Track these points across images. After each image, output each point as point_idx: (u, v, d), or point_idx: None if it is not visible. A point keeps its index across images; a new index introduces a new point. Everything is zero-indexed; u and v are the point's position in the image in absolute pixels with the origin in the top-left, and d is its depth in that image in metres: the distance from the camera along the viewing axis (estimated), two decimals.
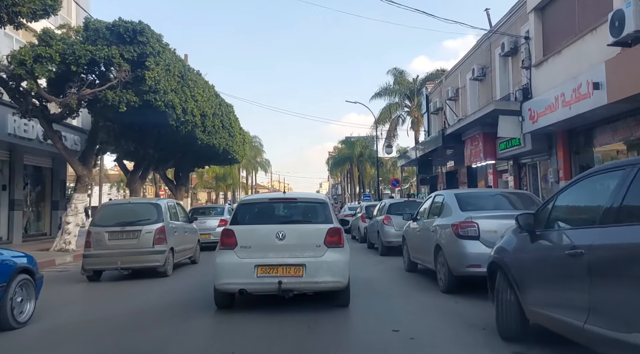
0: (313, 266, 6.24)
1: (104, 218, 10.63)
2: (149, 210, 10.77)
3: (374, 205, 19.64)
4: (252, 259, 6.29)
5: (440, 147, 23.89)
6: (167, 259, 10.52)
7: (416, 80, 42.60)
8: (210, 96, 21.23)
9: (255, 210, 7.13)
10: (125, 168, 22.51)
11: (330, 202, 7.64)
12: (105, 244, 10.09)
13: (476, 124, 18.82)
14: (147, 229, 10.27)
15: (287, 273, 6.22)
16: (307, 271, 6.22)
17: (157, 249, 10.21)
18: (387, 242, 13.47)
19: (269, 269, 6.25)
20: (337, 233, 6.49)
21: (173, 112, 16.19)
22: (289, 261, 6.26)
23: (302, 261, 6.26)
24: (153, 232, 10.23)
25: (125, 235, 10.19)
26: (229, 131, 25.80)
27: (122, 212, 10.82)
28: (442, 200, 8.29)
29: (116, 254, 10.03)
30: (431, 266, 8.39)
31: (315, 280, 6.23)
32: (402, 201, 14.77)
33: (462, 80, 24.86)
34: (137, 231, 10.24)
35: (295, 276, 6.21)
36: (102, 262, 10.14)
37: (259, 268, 6.24)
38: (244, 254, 6.35)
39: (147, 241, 10.17)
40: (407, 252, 10.25)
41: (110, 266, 10.13)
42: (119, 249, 10.06)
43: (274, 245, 6.37)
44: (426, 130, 32.18)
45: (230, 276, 6.34)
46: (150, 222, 10.42)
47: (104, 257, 10.07)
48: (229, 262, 6.36)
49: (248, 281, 6.25)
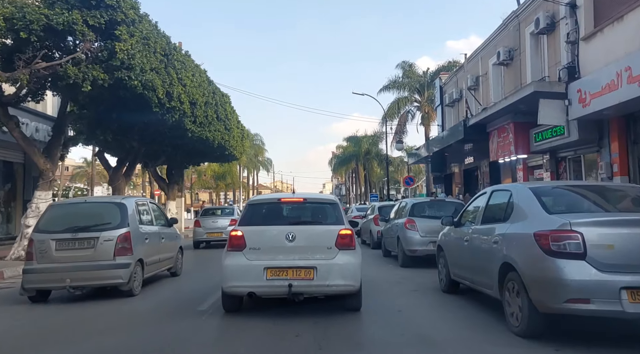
0: (324, 269, 6.17)
1: (51, 222, 8.37)
2: (110, 212, 8.53)
3: (389, 205, 17.14)
4: (261, 261, 6.24)
5: (456, 142, 21.46)
6: (134, 275, 8.33)
7: (426, 73, 40.14)
8: (202, 82, 18.76)
9: (264, 210, 6.98)
10: (108, 164, 20.04)
11: (340, 203, 7.32)
12: (51, 256, 7.93)
13: (507, 112, 16.35)
14: (106, 236, 8.10)
15: (298, 275, 6.16)
16: (318, 274, 6.16)
17: (119, 262, 8.06)
18: (410, 251, 10.99)
19: (279, 272, 6.19)
20: (348, 235, 6.38)
21: (154, 96, 13.76)
22: (300, 263, 6.20)
23: (313, 263, 6.19)
24: (114, 240, 8.09)
25: (78, 244, 8.04)
26: (224, 123, 23.34)
27: (76, 214, 8.59)
28: (508, 198, 5.78)
29: (65, 268, 7.86)
30: (490, 292, 5.89)
31: (327, 283, 6.18)
32: (427, 201, 12.28)
33: (484, 67, 22.36)
34: (94, 238, 8.05)
35: (305, 279, 6.15)
36: (47, 280, 7.93)
37: (269, 271, 6.19)
38: (253, 256, 6.29)
39: (106, 252, 8.03)
40: (444, 267, 7.75)
41: (57, 284, 7.93)
42: (69, 262, 7.90)
43: (283, 247, 6.30)
44: (440, 124, 29.73)
45: (238, 279, 6.27)
46: (112, 228, 8.24)
47: (49, 273, 7.87)
48: (237, 264, 6.28)
49: (257, 283, 6.20)
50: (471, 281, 6.61)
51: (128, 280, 8.13)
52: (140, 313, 7.26)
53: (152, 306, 7.68)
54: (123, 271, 8.07)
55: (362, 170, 53.93)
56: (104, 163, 19.73)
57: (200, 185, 48.42)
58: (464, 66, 23.71)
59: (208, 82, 20.17)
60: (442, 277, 7.89)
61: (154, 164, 25.49)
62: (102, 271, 8.00)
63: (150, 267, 9.16)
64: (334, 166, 64.89)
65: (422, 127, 39.67)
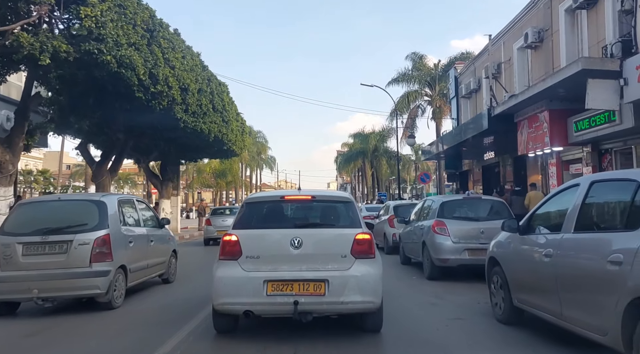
0: (338, 282, 5.16)
1: (18, 223, 7.26)
2: (87, 211, 7.37)
3: (407, 204, 15.11)
4: (260, 273, 5.25)
5: (476, 135, 19.37)
6: (114, 284, 7.23)
7: (438, 65, 38.04)
8: (194, 66, 16.74)
9: (264, 211, 5.98)
10: (91, 158, 18.04)
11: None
12: (18, 262, 6.84)
13: (541, 98, 14.26)
14: (81, 240, 6.95)
15: (305, 290, 5.15)
16: (330, 289, 5.14)
17: (96, 270, 6.95)
18: (439, 260, 8.93)
19: (282, 286, 5.18)
20: (367, 240, 5.38)
21: (134, 76, 11.79)
22: (308, 275, 5.21)
23: (324, 275, 5.20)
24: (91, 244, 6.95)
25: (48, 248, 6.90)
26: (221, 115, 21.33)
27: (47, 214, 7.50)
28: (632, 193, 3.56)
29: (34, 277, 6.79)
30: (602, 339, 3.78)
31: (341, 300, 5.15)
32: (459, 199, 10.19)
33: (507, 52, 20.28)
34: (67, 242, 6.92)
35: (315, 295, 5.13)
36: (11, 290, 6.86)
37: (269, 284, 5.19)
38: (251, 266, 5.31)
39: (81, 258, 6.91)
40: (502, 289, 5.63)
41: (23, 295, 6.89)
42: (38, 269, 6.82)
43: (288, 255, 5.30)
44: (455, 117, 27.63)
45: (232, 294, 5.25)
46: (88, 229, 7.12)
47: (15, 282, 6.80)
48: (231, 276, 5.28)
49: (255, 300, 5.19)
50: (556, 314, 4.49)
51: (107, 290, 7.05)
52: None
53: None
54: (101, 280, 6.96)
55: (369, 168, 51.72)
56: (86, 157, 17.73)
57: (199, 183, 46.19)
58: (488, 48, 21.51)
59: (202, 67, 18.13)
60: (498, 301, 5.83)
61: (146, 159, 23.54)
62: (76, 280, 6.90)
63: (135, 274, 7.99)
64: (339, 164, 62.87)
65: (434, 122, 37.64)
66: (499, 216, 9.24)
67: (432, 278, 9.21)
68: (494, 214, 9.37)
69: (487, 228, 8.84)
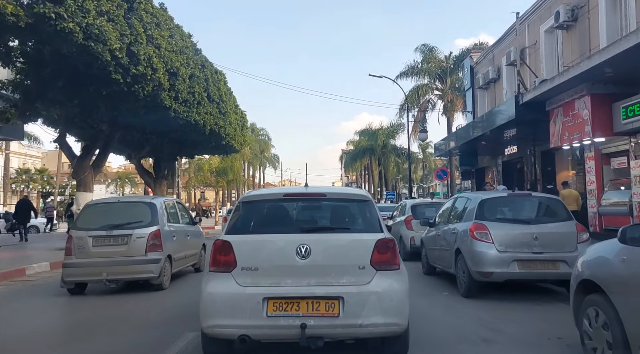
0: (355, 300, 4.15)
1: (87, 220, 8.96)
2: (141, 211, 9.10)
3: (426, 204, 13.25)
4: (259, 288, 4.24)
5: (492, 130, 17.52)
6: (163, 269, 8.80)
7: (449, 57, 36.12)
8: (184, 48, 14.84)
9: (264, 211, 4.88)
10: (72, 152, 16.20)
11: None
12: (88, 251, 8.54)
13: (583, 80, 12.41)
14: (138, 234, 8.66)
15: (315, 310, 4.13)
16: (345, 308, 4.11)
17: (150, 258, 8.63)
18: (481, 274, 6.98)
19: (286, 305, 4.16)
20: (390, 248, 4.36)
21: (105, 51, 9.94)
22: (318, 291, 4.19)
23: (338, 291, 4.18)
24: (146, 238, 8.66)
25: (112, 241, 8.62)
26: (218, 106, 19.48)
27: (110, 213, 9.11)
28: None
29: (102, 263, 8.49)
30: None
31: (360, 322, 4.10)
32: (503, 196, 8.17)
33: (532, 36, 18.39)
34: (127, 235, 8.65)
35: (327, 316, 4.10)
36: (84, 273, 8.56)
37: (270, 303, 4.17)
38: (247, 280, 4.30)
39: (138, 248, 8.61)
40: (617, 324, 3.71)
41: (94, 277, 8.58)
42: (105, 257, 8.52)
43: (293, 266, 4.29)
44: (471, 110, 25.70)
45: (225, 315, 4.22)
46: (143, 226, 8.77)
47: (87, 267, 8.51)
48: (224, 292, 4.28)
49: (253, 322, 4.16)
50: None
51: (158, 274, 8.61)
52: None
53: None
54: (154, 266, 8.57)
55: (375, 166, 49.65)
56: (65, 150, 15.88)
57: (197, 181, 44.29)
58: (515, 28, 19.54)
59: (194, 50, 16.23)
60: (598, 347, 3.84)
61: (137, 155, 21.70)
62: (135, 266, 8.50)
63: (177, 262, 9.49)
64: (345, 163, 60.94)
65: (444, 117, 35.73)
66: (555, 217, 7.34)
67: (469, 296, 7.28)
68: (548, 215, 7.45)
69: (542, 233, 6.95)
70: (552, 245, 6.90)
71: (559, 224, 7.14)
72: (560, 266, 6.78)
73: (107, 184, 73.79)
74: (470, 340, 5.13)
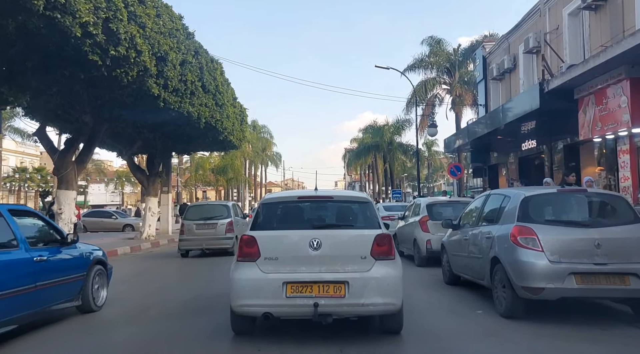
0: (358, 284, 5.10)
1: (191, 214, 15.29)
2: (221, 209, 15.57)
3: (445, 202, 11.86)
4: (279, 274, 5.19)
5: (507, 124, 16.12)
6: (234, 244, 13.70)
7: (457, 50, 34.69)
8: (173, 30, 13.42)
9: (281, 211, 5.92)
10: (53, 146, 14.82)
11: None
12: (193, 232, 14.65)
13: (621, 63, 11.00)
14: (221, 223, 14.73)
15: (325, 292, 5.08)
16: (350, 290, 5.07)
17: (228, 236, 14.58)
18: (528, 290, 5.38)
19: (302, 288, 5.12)
20: (386, 241, 5.33)
21: (76, 25, 8.55)
22: (327, 277, 5.14)
23: (344, 277, 5.12)
24: (225, 225, 14.71)
25: (207, 226, 14.66)
26: (214, 97, 18.08)
27: (204, 210, 15.77)
28: None
29: (201, 239, 14.64)
30: None
31: (362, 302, 5.09)
32: (551, 193, 6.67)
33: (554, 20, 16.92)
34: (215, 223, 14.70)
35: (335, 297, 5.07)
36: (191, 245, 14.77)
37: (289, 286, 5.13)
38: (269, 267, 5.25)
39: (221, 231, 14.64)
40: None
41: (196, 247, 14.86)
42: (202, 236, 14.60)
43: (307, 256, 5.23)
44: (483, 103, 24.27)
45: (251, 296, 5.20)
46: (223, 218, 14.90)
47: (192, 241, 14.70)
48: (250, 278, 5.24)
49: (275, 302, 5.13)
50: None
51: (232, 246, 14.14)
52: None
53: None
54: (230, 241, 14.45)
55: (381, 164, 48.12)
56: (46, 145, 14.53)
57: (196, 180, 42.83)
58: (539, 8, 18.03)
59: (185, 34, 14.81)
60: None
61: (129, 150, 20.32)
62: (220, 241, 14.60)
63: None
64: (348, 161, 59.45)
65: (453, 112, 34.30)
66: (620, 218, 5.91)
67: (511, 316, 5.85)
68: (611, 216, 6.01)
69: (606, 239, 5.50)
70: (619, 254, 5.48)
71: (627, 228, 5.69)
72: (630, 280, 5.36)
73: (106, 183, 72.35)
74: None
